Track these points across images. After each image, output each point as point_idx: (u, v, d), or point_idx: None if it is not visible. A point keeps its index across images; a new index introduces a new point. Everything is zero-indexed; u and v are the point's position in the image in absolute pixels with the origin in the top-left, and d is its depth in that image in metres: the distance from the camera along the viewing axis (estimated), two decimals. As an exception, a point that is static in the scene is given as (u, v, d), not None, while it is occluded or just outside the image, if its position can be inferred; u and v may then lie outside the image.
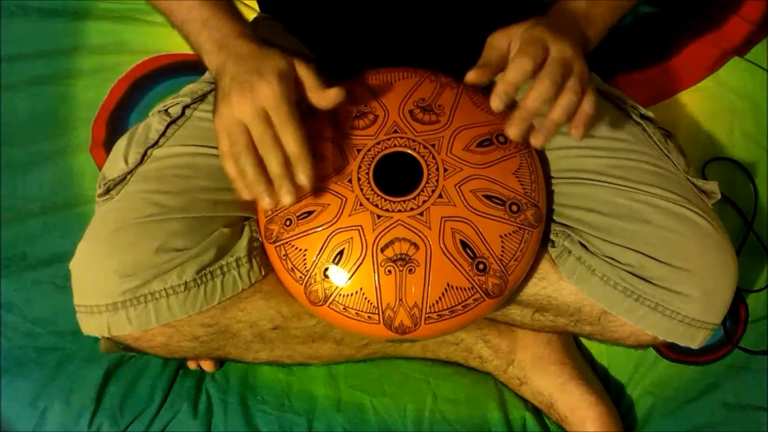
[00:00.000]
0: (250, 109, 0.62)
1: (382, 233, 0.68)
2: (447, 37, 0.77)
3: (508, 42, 0.67)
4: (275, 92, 0.62)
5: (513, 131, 0.63)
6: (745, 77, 0.94)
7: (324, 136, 0.72)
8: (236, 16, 0.69)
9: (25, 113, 0.97)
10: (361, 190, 0.69)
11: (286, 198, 0.63)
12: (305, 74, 0.66)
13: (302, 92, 0.66)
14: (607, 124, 0.76)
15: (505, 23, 0.68)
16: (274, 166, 0.62)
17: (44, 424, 0.81)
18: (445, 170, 0.70)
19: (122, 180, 0.73)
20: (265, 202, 0.63)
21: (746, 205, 0.89)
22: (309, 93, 0.66)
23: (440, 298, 0.67)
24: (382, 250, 0.67)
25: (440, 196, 0.69)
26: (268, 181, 0.63)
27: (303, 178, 0.63)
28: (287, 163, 0.63)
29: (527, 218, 0.70)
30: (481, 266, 0.68)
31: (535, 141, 0.64)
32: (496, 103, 0.62)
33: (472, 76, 0.65)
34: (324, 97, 0.66)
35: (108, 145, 0.95)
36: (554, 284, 0.75)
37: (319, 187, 0.70)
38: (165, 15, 0.72)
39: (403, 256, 0.67)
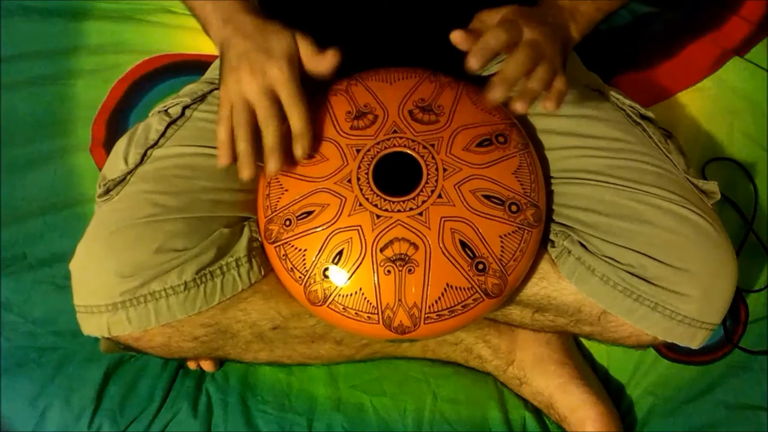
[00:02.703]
0: (258, 89, 0.66)
1: (382, 233, 0.68)
2: (446, 37, 0.77)
3: (496, 19, 0.67)
4: (285, 74, 0.66)
5: (491, 94, 0.62)
6: (745, 77, 0.94)
7: (324, 136, 0.72)
8: None
9: (25, 113, 0.97)
10: (361, 190, 0.69)
11: (273, 167, 0.67)
12: (303, 44, 0.68)
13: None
14: (607, 125, 0.76)
15: None
16: (270, 139, 0.67)
17: (44, 424, 0.81)
18: (445, 170, 0.69)
19: (122, 180, 0.73)
20: (245, 173, 0.66)
21: (746, 205, 0.89)
22: (307, 61, 0.68)
23: (440, 298, 0.67)
24: (382, 250, 0.67)
25: (440, 196, 0.69)
26: (254, 154, 0.67)
27: (302, 151, 0.69)
28: (282, 138, 0.67)
29: (527, 218, 0.70)
30: (480, 266, 0.68)
31: (517, 107, 0.63)
32: (472, 63, 0.62)
33: (457, 36, 0.64)
34: (322, 62, 0.67)
35: (108, 145, 0.95)
36: (554, 284, 0.74)
37: (318, 187, 0.70)
38: None
39: (403, 256, 0.67)
